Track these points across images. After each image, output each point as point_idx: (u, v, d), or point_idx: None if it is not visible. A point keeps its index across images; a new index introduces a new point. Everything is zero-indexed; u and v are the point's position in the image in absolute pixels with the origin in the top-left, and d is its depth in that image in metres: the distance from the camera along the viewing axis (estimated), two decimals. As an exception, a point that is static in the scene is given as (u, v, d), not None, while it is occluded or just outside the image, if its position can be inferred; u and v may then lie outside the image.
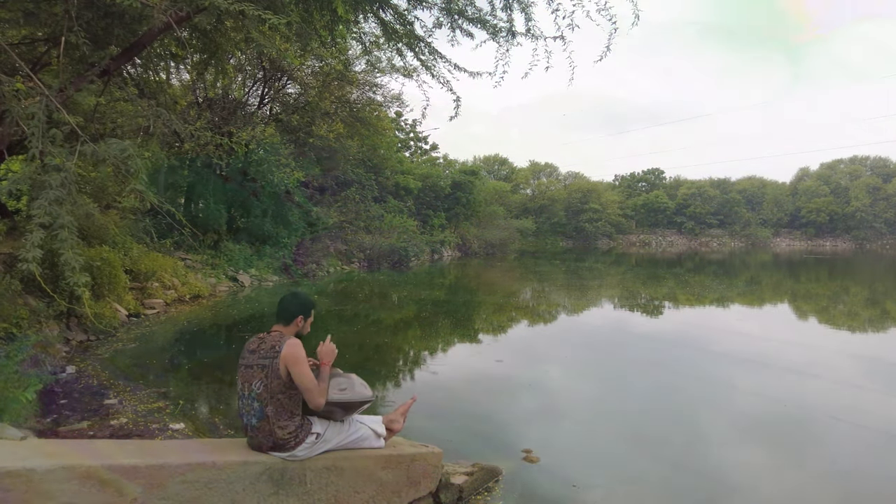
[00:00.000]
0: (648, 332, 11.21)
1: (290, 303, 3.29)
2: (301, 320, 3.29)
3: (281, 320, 3.27)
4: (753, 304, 15.99)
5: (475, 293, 17.38)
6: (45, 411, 5.40)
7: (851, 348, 9.87)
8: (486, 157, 65.59)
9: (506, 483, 4.22)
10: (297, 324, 3.27)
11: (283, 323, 3.26)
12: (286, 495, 3.11)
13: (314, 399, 3.07)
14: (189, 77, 15.83)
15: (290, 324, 3.26)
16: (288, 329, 3.25)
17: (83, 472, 2.61)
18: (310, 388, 3.06)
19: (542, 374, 7.76)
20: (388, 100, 21.25)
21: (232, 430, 5.15)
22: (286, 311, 3.27)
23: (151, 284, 11.75)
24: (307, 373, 3.07)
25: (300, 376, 3.04)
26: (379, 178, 28.44)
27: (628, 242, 61.50)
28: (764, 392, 6.91)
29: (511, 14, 6.32)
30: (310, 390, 3.06)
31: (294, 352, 3.06)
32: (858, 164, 65.59)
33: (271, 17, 4.61)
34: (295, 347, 3.08)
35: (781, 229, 64.92)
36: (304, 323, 3.31)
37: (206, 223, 17.12)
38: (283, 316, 3.27)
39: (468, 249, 35.41)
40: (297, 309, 3.27)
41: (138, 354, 7.85)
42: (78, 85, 5.56)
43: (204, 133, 12.53)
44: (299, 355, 3.06)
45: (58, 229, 4.06)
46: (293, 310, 3.27)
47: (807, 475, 4.69)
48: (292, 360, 3.03)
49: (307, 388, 3.05)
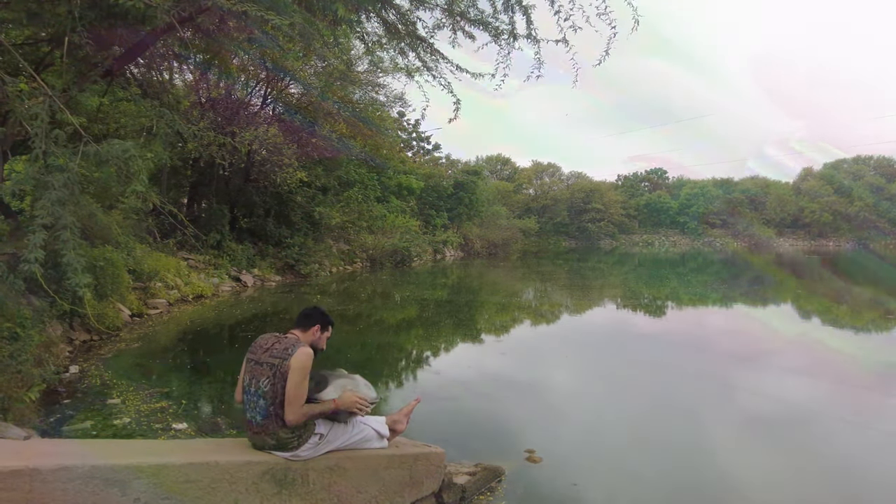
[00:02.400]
0: (651, 332, 11.19)
1: (312, 311, 3.35)
2: (318, 330, 3.30)
3: (299, 325, 3.29)
4: (756, 304, 15.96)
5: (478, 293, 17.37)
6: (48, 411, 5.41)
7: (854, 348, 9.84)
8: (489, 157, 65.59)
9: (508, 483, 4.22)
10: (313, 332, 3.28)
11: (301, 328, 3.28)
12: (289, 495, 3.11)
13: (290, 413, 3.04)
14: (192, 77, 15.87)
15: (308, 331, 3.27)
16: (305, 336, 3.25)
17: (86, 471, 2.61)
18: (293, 400, 3.03)
19: (544, 374, 7.75)
20: (391, 100, 21.29)
21: (234, 429, 5.15)
22: (306, 318, 3.31)
23: (154, 284, 11.77)
24: (302, 385, 3.06)
25: (293, 385, 3.02)
26: (381, 178, 28.43)
27: (631, 242, 61.31)
28: (766, 392, 6.90)
29: (513, 16, 6.31)
30: (292, 402, 3.03)
31: (302, 361, 3.04)
32: (862, 164, 65.33)
33: (274, 18, 4.61)
34: (305, 357, 3.06)
35: (785, 229, 64.69)
36: (320, 334, 3.33)
37: (208, 223, 17.14)
38: (301, 321, 3.30)
39: (471, 249, 35.37)
40: (317, 318, 3.31)
41: (141, 354, 7.87)
42: (81, 85, 5.57)
43: (207, 133, 12.59)
44: (305, 366, 3.05)
45: (60, 230, 4.06)
46: (313, 317, 3.31)
47: (809, 475, 4.68)
48: (298, 366, 3.02)
49: (292, 398, 3.03)
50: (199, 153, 14.19)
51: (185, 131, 8.62)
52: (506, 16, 6.29)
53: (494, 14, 6.28)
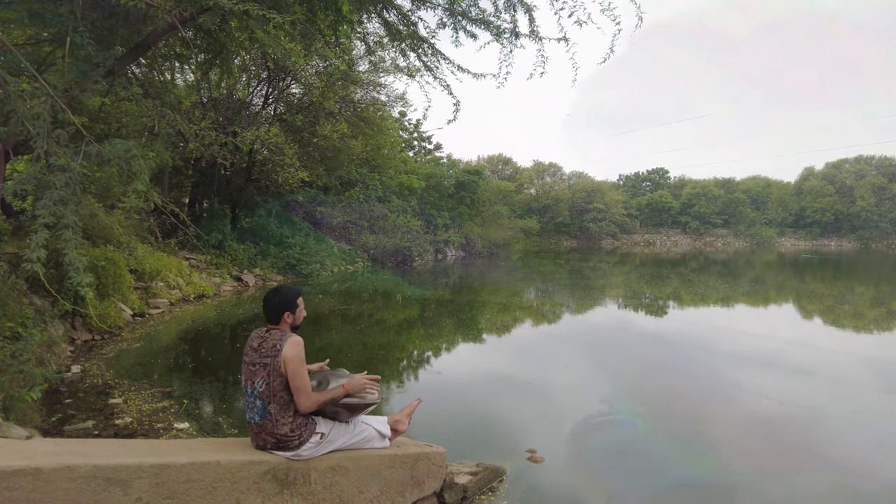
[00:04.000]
0: (653, 332, 11.18)
1: (272, 301, 3.22)
2: (289, 315, 3.23)
3: (270, 320, 3.23)
4: (758, 304, 15.94)
5: (479, 293, 17.36)
6: (50, 411, 5.42)
7: (856, 348, 9.82)
8: (490, 157, 65.53)
9: (510, 483, 4.22)
10: (285, 320, 3.22)
11: (274, 322, 3.23)
12: (291, 495, 3.11)
13: (302, 401, 3.06)
14: (193, 77, 15.88)
15: (280, 321, 3.22)
16: (281, 326, 3.22)
17: (88, 471, 2.61)
18: (301, 388, 3.05)
19: (546, 374, 7.74)
20: (392, 99, 21.29)
21: (236, 429, 5.16)
22: (272, 311, 3.21)
23: (156, 284, 11.78)
24: (302, 373, 3.06)
25: (295, 375, 3.04)
26: (383, 177, 28.45)
27: (632, 242, 61.28)
28: (768, 392, 6.88)
29: (514, 15, 6.30)
30: (300, 391, 3.05)
31: (294, 351, 3.05)
32: (864, 164, 65.26)
33: (276, 17, 4.61)
34: (295, 347, 3.07)
35: (786, 229, 64.65)
36: (292, 317, 3.25)
37: (210, 223, 17.17)
38: (270, 316, 3.22)
39: (472, 249, 35.36)
40: (280, 306, 3.21)
41: (143, 354, 7.87)
42: (83, 85, 5.57)
43: (208, 133, 12.58)
44: (299, 354, 3.06)
45: (62, 229, 4.06)
46: (277, 308, 3.21)
47: (811, 476, 4.67)
48: (292, 356, 3.03)
49: (298, 387, 3.05)
50: (200, 153, 14.21)
51: (186, 131, 8.61)
52: (507, 14, 6.28)
53: (496, 13, 6.27)
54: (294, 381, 3.04)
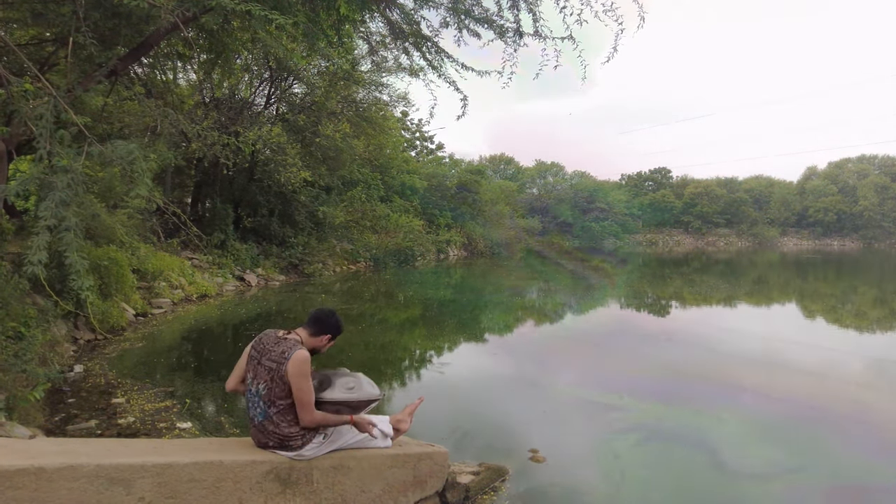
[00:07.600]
0: (656, 332, 11.16)
1: (328, 318, 3.25)
2: (328, 339, 3.27)
3: (310, 328, 3.23)
4: (760, 304, 15.91)
5: (481, 293, 17.35)
6: (53, 410, 5.43)
7: (858, 348, 9.80)
8: (492, 157, 65.51)
9: (512, 483, 4.21)
10: (321, 339, 3.24)
11: (311, 332, 3.22)
12: (293, 494, 3.11)
13: (304, 417, 3.06)
14: (196, 77, 15.87)
15: (316, 336, 3.22)
16: (311, 340, 3.21)
17: (91, 470, 2.61)
18: (304, 404, 3.04)
19: (548, 373, 7.74)
20: (395, 99, 21.28)
21: (238, 429, 5.16)
22: (321, 324, 3.23)
23: (159, 284, 11.81)
24: (307, 388, 3.04)
25: (299, 390, 3.02)
26: (385, 177, 28.43)
27: (635, 242, 61.13)
28: (770, 392, 6.87)
29: (518, 14, 6.29)
30: (303, 406, 3.05)
31: (297, 368, 3.01)
32: (866, 164, 65.05)
33: (278, 17, 4.61)
34: (302, 363, 3.02)
35: (789, 228, 64.49)
36: (326, 342, 3.28)
37: (212, 223, 17.19)
38: (314, 326, 3.23)
39: (474, 249, 35.32)
40: (331, 327, 3.26)
41: (145, 353, 7.88)
42: (86, 85, 5.58)
43: (211, 133, 12.60)
44: (301, 370, 3.01)
45: (63, 232, 4.06)
46: (328, 326, 3.24)
47: (814, 476, 4.66)
48: (295, 372, 3.00)
49: (301, 403, 3.04)
50: (203, 153, 14.21)
51: (189, 131, 8.65)
52: (511, 13, 6.27)
53: (500, 12, 6.27)
54: (297, 395, 3.03)
